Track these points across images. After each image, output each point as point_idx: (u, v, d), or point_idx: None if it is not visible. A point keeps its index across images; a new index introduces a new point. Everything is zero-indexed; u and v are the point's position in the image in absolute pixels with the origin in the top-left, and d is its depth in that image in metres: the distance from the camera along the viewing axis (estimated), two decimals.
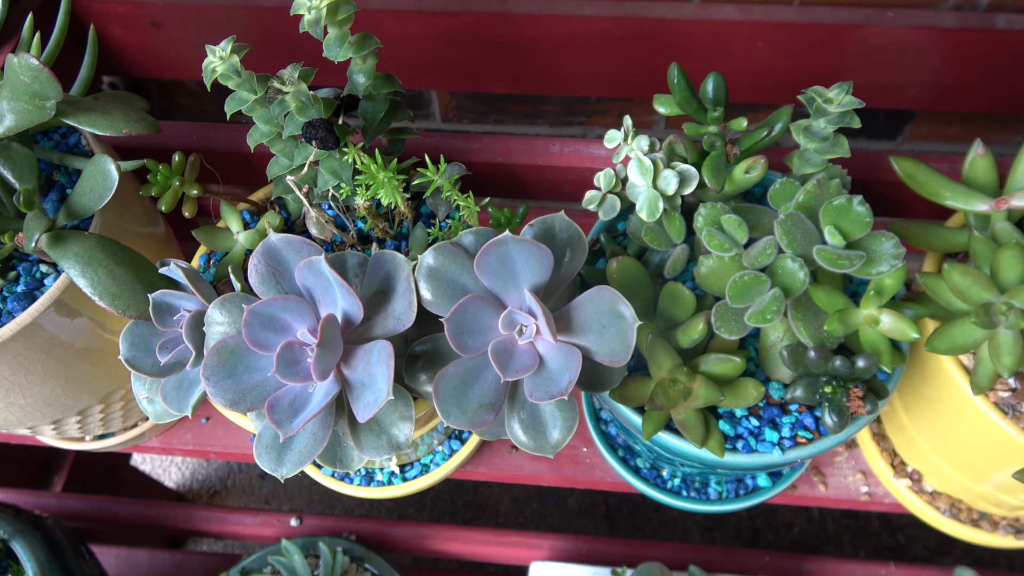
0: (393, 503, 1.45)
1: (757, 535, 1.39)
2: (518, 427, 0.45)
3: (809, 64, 0.99)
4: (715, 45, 0.97)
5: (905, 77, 0.99)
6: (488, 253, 0.42)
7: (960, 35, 0.93)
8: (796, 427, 0.49)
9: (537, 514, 1.43)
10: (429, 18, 0.97)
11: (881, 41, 0.94)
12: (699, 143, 0.51)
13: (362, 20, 0.96)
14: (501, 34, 0.98)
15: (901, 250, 0.45)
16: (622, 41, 0.97)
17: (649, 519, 1.42)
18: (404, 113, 0.54)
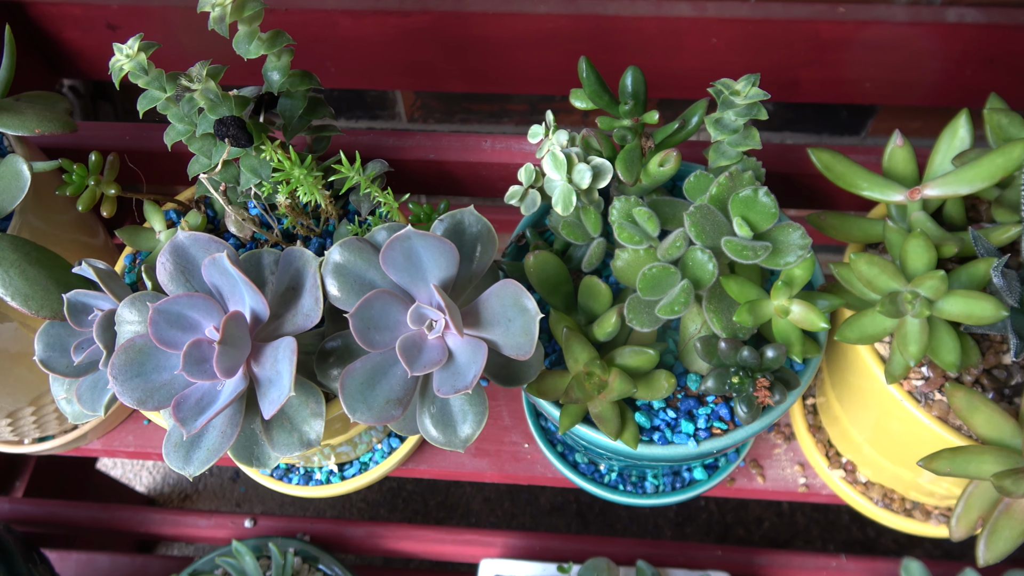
0: (365, 504, 1.45)
1: (728, 530, 1.39)
2: (429, 422, 0.45)
3: (763, 60, 0.99)
4: (669, 42, 0.98)
5: (859, 72, 0.99)
6: (392, 248, 0.43)
7: (911, 29, 0.93)
8: (712, 418, 0.49)
9: (509, 513, 1.43)
10: (385, 17, 0.97)
11: (834, 36, 0.95)
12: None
13: (317, 20, 0.96)
14: (457, 33, 0.98)
15: (807, 240, 0.45)
16: (577, 39, 0.98)
17: (620, 516, 1.42)
18: (325, 110, 0.54)
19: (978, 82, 0.99)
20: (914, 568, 0.74)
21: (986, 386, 0.47)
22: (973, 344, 0.47)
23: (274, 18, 0.96)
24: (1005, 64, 0.97)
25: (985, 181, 0.47)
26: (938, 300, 0.44)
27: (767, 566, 0.83)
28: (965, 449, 0.43)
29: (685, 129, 0.52)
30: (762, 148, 0.71)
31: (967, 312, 0.43)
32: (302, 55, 1.01)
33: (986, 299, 0.42)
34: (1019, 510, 0.41)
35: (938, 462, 0.43)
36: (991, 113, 0.48)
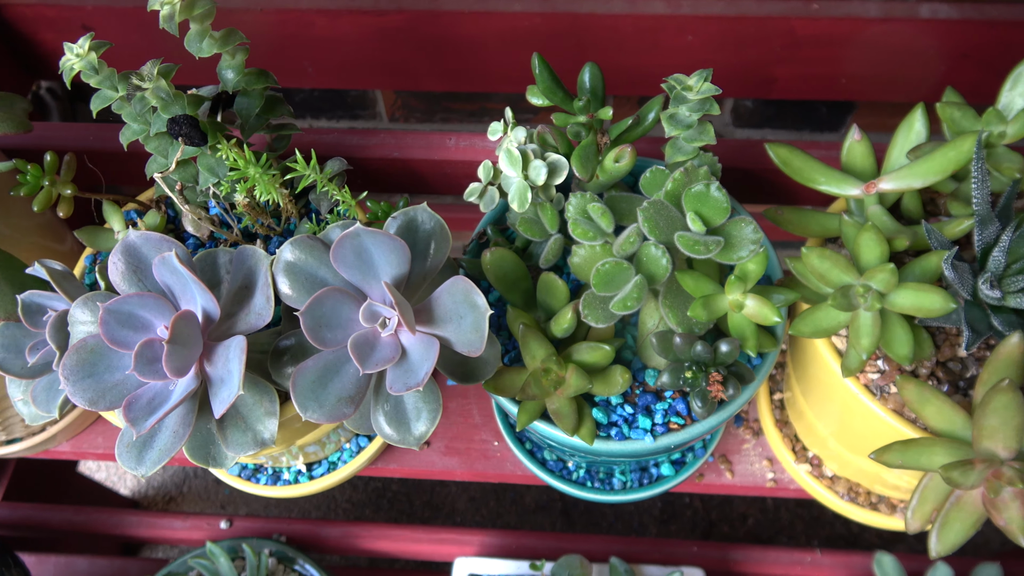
0: (350, 504, 1.45)
1: (712, 527, 1.39)
2: (383, 420, 0.45)
3: (739, 57, 0.99)
4: (644, 39, 0.98)
5: (834, 68, 0.99)
6: (342, 246, 0.42)
7: (885, 25, 0.93)
8: (669, 413, 0.49)
9: (494, 512, 1.43)
10: (360, 17, 0.96)
11: (808, 32, 0.95)
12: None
13: (293, 19, 0.96)
14: (432, 32, 0.98)
15: (759, 235, 0.45)
16: (552, 37, 0.97)
17: (605, 514, 1.42)
18: (283, 108, 0.54)
19: (953, 77, 1.00)
20: (886, 562, 0.74)
21: (941, 379, 0.47)
22: (927, 337, 0.47)
23: (250, 17, 0.96)
24: (979, 59, 0.97)
25: (938, 175, 0.47)
26: (889, 293, 0.44)
27: (742, 561, 0.83)
28: (916, 441, 0.43)
29: (642, 125, 0.52)
30: (724, 144, 0.72)
31: (918, 305, 0.43)
32: (279, 55, 1.01)
33: (936, 291, 0.42)
34: (970, 502, 0.41)
35: (889, 455, 0.43)
36: (944, 107, 0.48)
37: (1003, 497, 0.40)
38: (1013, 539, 0.40)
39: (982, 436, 0.41)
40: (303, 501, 1.46)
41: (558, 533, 0.85)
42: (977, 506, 0.41)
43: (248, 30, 1.02)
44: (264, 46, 1.00)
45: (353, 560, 1.33)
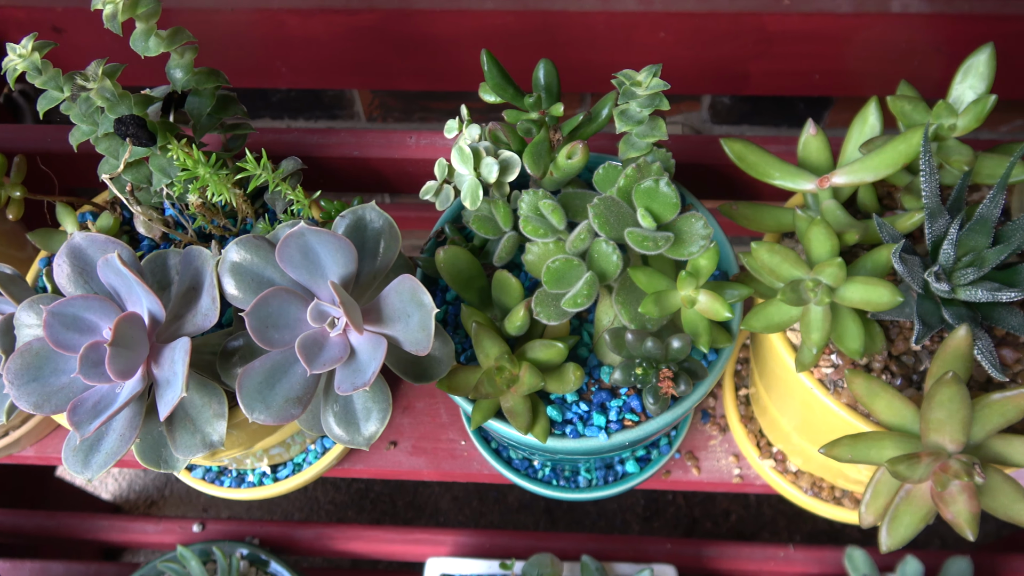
0: (333, 506, 1.45)
1: (695, 523, 1.39)
2: (332, 420, 0.44)
3: (712, 53, 0.99)
4: (617, 36, 0.97)
5: (808, 64, 0.99)
6: (288, 246, 0.42)
7: (856, 20, 0.93)
8: (624, 410, 0.49)
9: (477, 512, 1.43)
10: (332, 16, 0.96)
11: (780, 28, 0.95)
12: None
13: (265, 20, 0.96)
14: (404, 30, 0.97)
15: (710, 230, 0.45)
16: (524, 34, 0.97)
17: (588, 512, 1.42)
18: (236, 108, 0.54)
19: (926, 71, 1.00)
20: (857, 556, 0.74)
21: (895, 372, 0.47)
22: (879, 331, 0.47)
23: (221, 17, 0.96)
24: (951, 53, 0.97)
25: (889, 168, 0.47)
26: (839, 287, 0.44)
27: (716, 558, 0.83)
28: (865, 435, 0.43)
29: (596, 121, 0.52)
30: (685, 140, 0.72)
31: (866, 299, 0.43)
32: (251, 55, 1.00)
33: (884, 285, 0.42)
34: (919, 496, 0.41)
35: (839, 449, 0.43)
36: (895, 100, 0.48)
37: (951, 490, 0.40)
38: (960, 533, 0.40)
39: (929, 430, 0.41)
40: (285, 503, 1.45)
41: (532, 532, 0.85)
42: (926, 500, 0.41)
43: (219, 30, 1.02)
44: (236, 46, 1.00)
45: (336, 563, 1.33)
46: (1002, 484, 0.41)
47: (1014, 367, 0.47)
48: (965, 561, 0.74)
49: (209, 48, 1.00)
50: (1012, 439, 0.42)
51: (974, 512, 0.39)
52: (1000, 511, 0.41)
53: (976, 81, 0.48)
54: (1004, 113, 1.20)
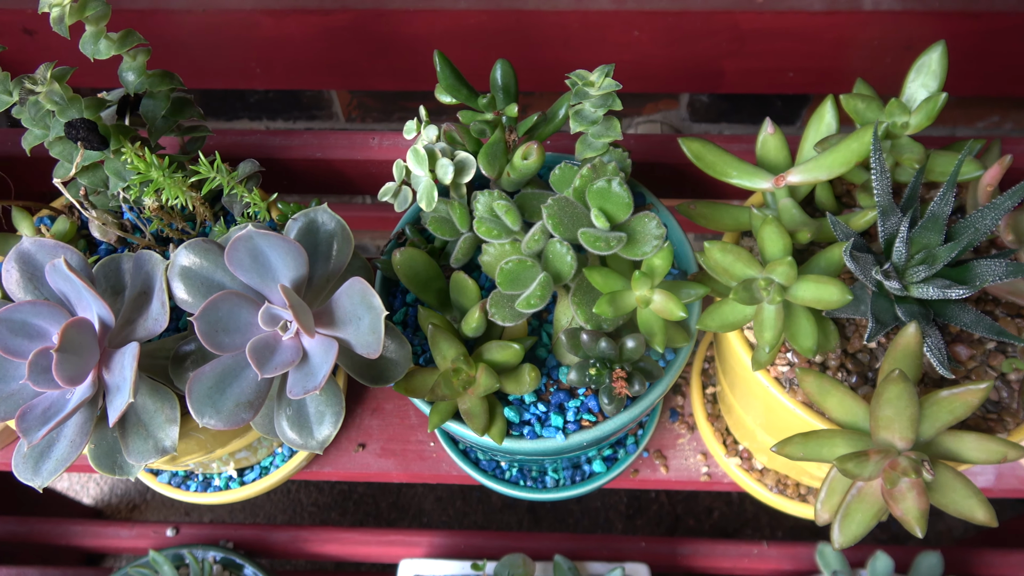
0: (316, 508, 1.44)
1: (678, 521, 1.40)
2: (285, 424, 0.44)
3: (686, 51, 0.99)
4: (591, 35, 0.97)
5: (781, 62, 0.99)
6: (236, 249, 0.42)
7: (828, 18, 0.94)
8: (581, 411, 0.48)
9: (460, 512, 1.43)
10: (306, 16, 0.96)
11: (753, 26, 0.95)
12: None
13: (237, 20, 0.95)
14: (379, 31, 0.97)
15: (663, 230, 0.45)
16: (499, 34, 0.97)
17: (571, 511, 1.42)
18: (192, 111, 0.53)
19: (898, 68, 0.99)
20: (828, 552, 0.74)
21: (851, 370, 0.48)
22: (833, 329, 0.47)
23: (193, 19, 0.95)
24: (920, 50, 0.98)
25: (843, 166, 0.47)
26: (791, 286, 0.44)
27: (691, 555, 0.83)
28: (817, 433, 0.43)
29: (552, 122, 0.52)
30: (647, 139, 0.72)
31: (817, 297, 0.43)
32: (224, 56, 1.00)
33: (834, 283, 0.42)
34: (870, 493, 0.41)
35: (791, 447, 0.43)
36: (848, 99, 0.49)
37: (900, 488, 0.40)
38: (909, 530, 0.40)
39: (879, 427, 0.41)
40: (268, 505, 1.45)
41: (507, 532, 0.85)
42: (877, 497, 0.41)
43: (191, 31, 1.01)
44: (209, 47, 0.99)
45: (321, 565, 1.33)
46: (952, 481, 0.41)
47: (968, 364, 0.47)
48: (936, 556, 0.74)
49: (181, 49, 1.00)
50: (963, 435, 0.42)
51: (922, 509, 0.39)
52: (951, 507, 0.41)
53: (928, 79, 0.48)
54: (981, 109, 1.20)
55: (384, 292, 0.53)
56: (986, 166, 0.48)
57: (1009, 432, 0.46)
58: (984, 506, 0.41)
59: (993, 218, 0.44)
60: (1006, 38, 0.95)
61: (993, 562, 0.81)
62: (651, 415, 0.65)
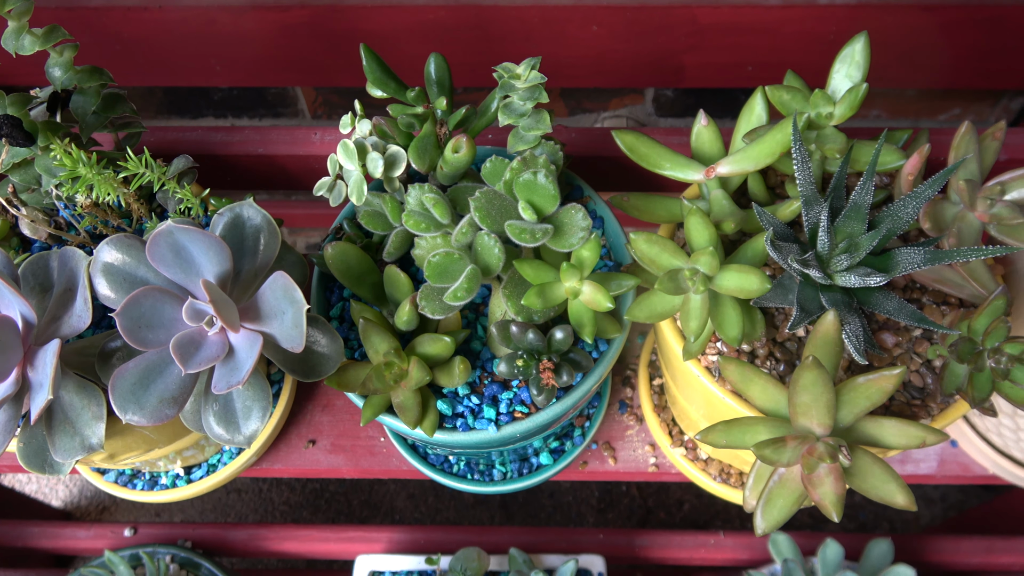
0: (288, 507, 1.44)
1: (649, 514, 1.41)
2: (212, 419, 0.44)
3: (646, 46, 1.00)
4: (552, 30, 0.97)
5: (740, 56, 1.00)
6: (157, 245, 0.42)
7: (785, 12, 0.94)
8: (514, 403, 0.49)
9: (433, 508, 1.43)
10: (263, 13, 0.95)
11: (711, 21, 0.95)
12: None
13: (195, 17, 0.94)
14: (338, 27, 0.97)
15: (589, 221, 0.45)
16: (458, 29, 0.97)
17: (543, 505, 1.43)
18: (125, 106, 0.53)
19: None
20: (781, 541, 0.75)
21: (779, 358, 0.48)
22: (761, 318, 0.47)
23: (149, 15, 0.94)
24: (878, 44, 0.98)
25: (768, 157, 0.47)
26: (716, 276, 0.44)
27: (648, 547, 0.83)
28: (739, 421, 0.43)
29: (486, 115, 0.52)
30: (588, 132, 0.72)
31: (740, 286, 0.43)
32: (183, 53, 0.99)
33: (754, 272, 0.43)
34: (791, 479, 0.42)
35: (714, 435, 0.43)
36: (774, 90, 0.49)
37: (819, 473, 0.41)
38: (826, 514, 0.40)
39: (797, 414, 0.41)
40: (240, 505, 1.44)
41: (466, 527, 0.85)
42: (798, 483, 0.42)
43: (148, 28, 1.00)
44: (167, 44, 0.99)
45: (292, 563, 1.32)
46: (871, 466, 0.42)
47: (894, 351, 0.48)
48: (886, 543, 0.75)
49: (139, 47, 0.99)
50: (883, 421, 0.42)
51: (839, 494, 0.40)
52: (871, 492, 0.42)
53: (852, 70, 0.48)
54: (944, 102, 1.21)
55: (321, 287, 0.53)
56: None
57: (933, 418, 0.47)
58: (903, 491, 0.41)
59: (914, 207, 0.45)
60: (960, 31, 0.96)
61: (945, 548, 0.82)
62: (598, 407, 0.65)
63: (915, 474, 0.66)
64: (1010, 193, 0.44)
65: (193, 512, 1.43)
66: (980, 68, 1.04)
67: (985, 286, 0.46)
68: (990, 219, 0.44)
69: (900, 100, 1.20)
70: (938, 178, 0.44)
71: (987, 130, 0.48)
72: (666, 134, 0.67)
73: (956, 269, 0.47)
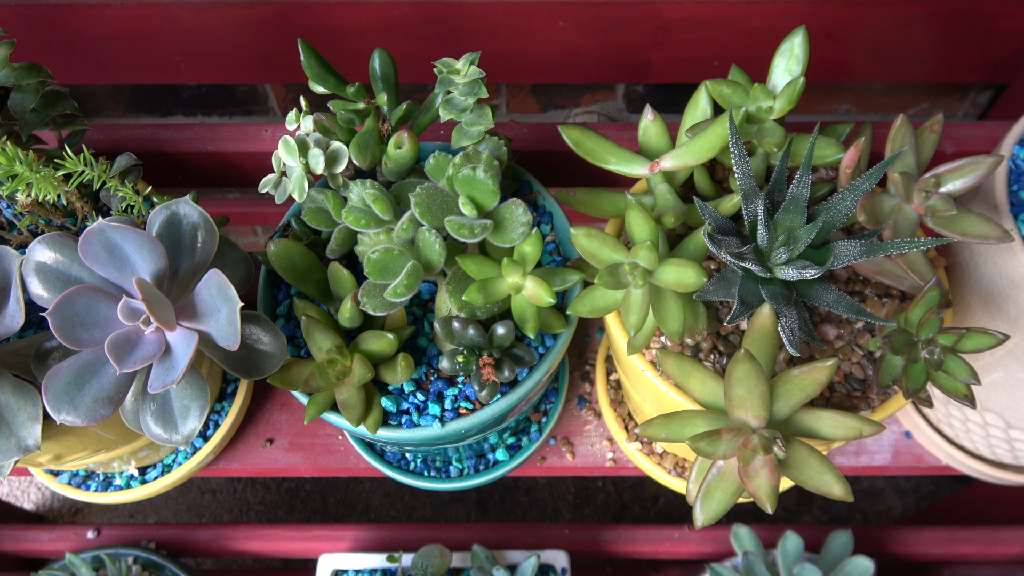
0: (263, 506, 1.43)
1: (625, 508, 1.41)
2: (150, 418, 0.44)
3: (612, 42, 1.00)
4: (517, 26, 0.97)
5: (705, 51, 1.00)
6: (89, 243, 0.41)
7: (748, 7, 0.94)
8: (459, 399, 0.49)
9: (409, 506, 1.43)
10: (226, 9, 0.94)
11: (675, 16, 0.95)
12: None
13: (157, 14, 0.94)
14: (301, 23, 0.96)
15: (529, 217, 0.45)
16: (424, 25, 0.97)
17: (520, 502, 1.43)
18: (66, 104, 0.53)
19: (820, 57, 1.01)
20: (742, 534, 0.76)
21: (723, 352, 0.48)
22: (703, 311, 0.48)
23: (111, 12, 0.94)
24: (842, 38, 0.99)
25: (710, 151, 0.47)
26: (656, 270, 0.44)
27: (613, 541, 0.84)
28: (678, 414, 0.43)
29: (430, 111, 0.52)
30: (539, 128, 0.72)
31: (678, 280, 0.43)
32: (146, 50, 0.98)
33: (691, 266, 0.43)
34: (729, 471, 0.42)
35: (653, 428, 0.43)
36: (715, 85, 0.49)
37: (754, 465, 0.41)
38: (761, 506, 0.41)
39: (733, 406, 0.41)
40: (215, 505, 1.43)
41: (431, 524, 0.85)
42: (736, 475, 0.42)
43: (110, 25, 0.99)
44: (130, 41, 0.98)
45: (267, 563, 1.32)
46: (808, 457, 0.42)
47: (835, 343, 0.48)
48: (847, 535, 0.76)
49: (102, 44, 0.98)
50: (820, 413, 0.43)
51: (773, 485, 0.40)
52: (809, 483, 0.42)
53: (792, 64, 0.48)
54: (911, 96, 1.22)
55: (268, 285, 0.53)
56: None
57: (873, 409, 0.47)
58: (840, 481, 0.42)
59: (852, 200, 0.45)
60: (921, 25, 0.96)
61: (906, 539, 0.83)
62: (555, 403, 0.65)
63: (870, 465, 0.67)
64: (945, 185, 0.45)
65: (167, 513, 1.42)
66: (943, 62, 1.05)
67: (924, 278, 0.46)
68: (926, 211, 0.44)
69: (869, 94, 1.21)
70: (875, 171, 0.44)
71: (925, 123, 0.49)
72: (618, 129, 0.67)
73: (896, 262, 0.47)
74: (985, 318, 0.50)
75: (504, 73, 1.07)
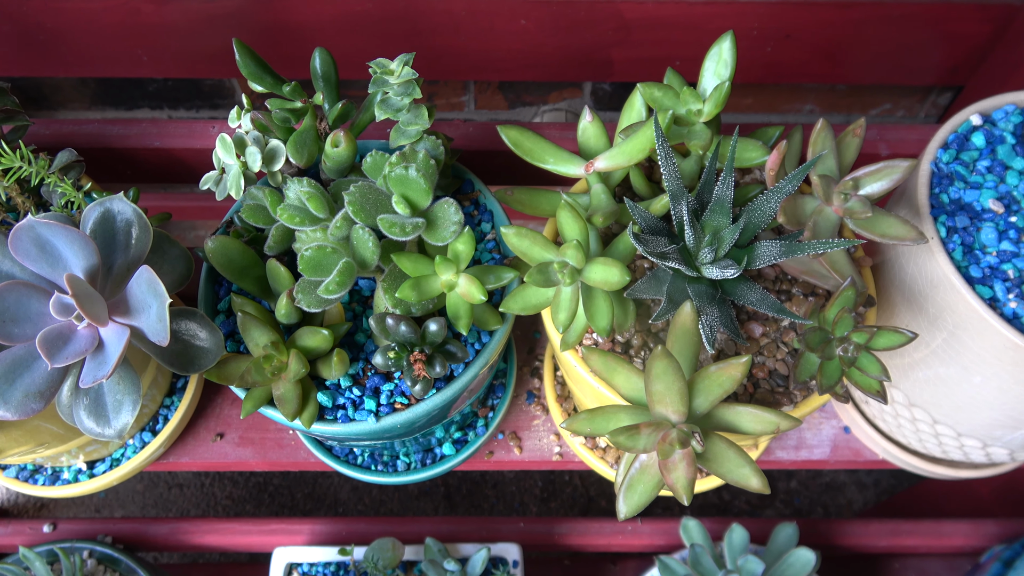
0: (231, 501, 1.43)
1: (591, 502, 1.43)
2: (83, 413, 0.44)
3: (574, 40, 1.00)
4: (479, 23, 0.98)
5: (667, 50, 1.01)
6: (19, 239, 0.42)
7: (707, 8, 0.96)
8: (395, 394, 0.50)
9: (377, 500, 1.44)
10: (188, 4, 0.94)
11: (635, 15, 0.96)
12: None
13: (117, 7, 0.93)
14: (266, 18, 0.96)
15: (461, 216, 0.46)
16: (387, 21, 0.97)
17: (487, 496, 1.44)
18: (6, 99, 0.53)
19: (780, 57, 1.03)
20: (691, 526, 0.77)
21: (653, 348, 0.49)
22: (632, 309, 0.49)
23: (70, 5, 0.93)
24: (801, 39, 1.01)
25: (640, 152, 0.48)
26: (584, 268, 0.45)
27: (567, 534, 0.85)
28: (603, 409, 0.45)
29: (369, 110, 0.52)
30: (485, 127, 0.73)
31: (604, 278, 0.44)
32: (106, 43, 0.98)
33: (616, 265, 0.44)
34: (651, 465, 0.43)
35: (578, 423, 0.44)
36: (646, 87, 0.50)
37: (673, 459, 0.42)
38: (678, 498, 0.42)
39: (654, 402, 0.43)
40: (182, 500, 1.43)
41: (386, 517, 0.86)
42: (657, 469, 0.43)
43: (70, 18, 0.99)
44: (91, 34, 0.97)
45: (234, 557, 1.32)
46: (726, 451, 0.43)
47: (761, 340, 0.50)
48: (792, 527, 0.78)
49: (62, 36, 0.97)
50: (739, 408, 0.44)
51: (690, 478, 0.41)
52: (727, 476, 0.43)
53: (720, 68, 0.50)
54: (874, 97, 1.24)
55: (210, 282, 0.54)
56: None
57: (796, 405, 0.49)
58: (757, 474, 0.43)
59: (775, 201, 0.47)
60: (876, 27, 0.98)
61: (854, 531, 0.85)
62: (503, 397, 0.66)
63: (809, 459, 0.68)
64: (864, 188, 0.46)
65: (134, 508, 1.42)
66: (899, 64, 1.07)
67: (845, 277, 0.47)
68: (844, 213, 0.46)
69: (832, 95, 1.23)
70: (796, 174, 0.45)
71: (847, 127, 0.50)
72: (562, 129, 0.68)
73: (820, 261, 0.48)
74: (908, 316, 0.52)
75: (468, 70, 1.08)
